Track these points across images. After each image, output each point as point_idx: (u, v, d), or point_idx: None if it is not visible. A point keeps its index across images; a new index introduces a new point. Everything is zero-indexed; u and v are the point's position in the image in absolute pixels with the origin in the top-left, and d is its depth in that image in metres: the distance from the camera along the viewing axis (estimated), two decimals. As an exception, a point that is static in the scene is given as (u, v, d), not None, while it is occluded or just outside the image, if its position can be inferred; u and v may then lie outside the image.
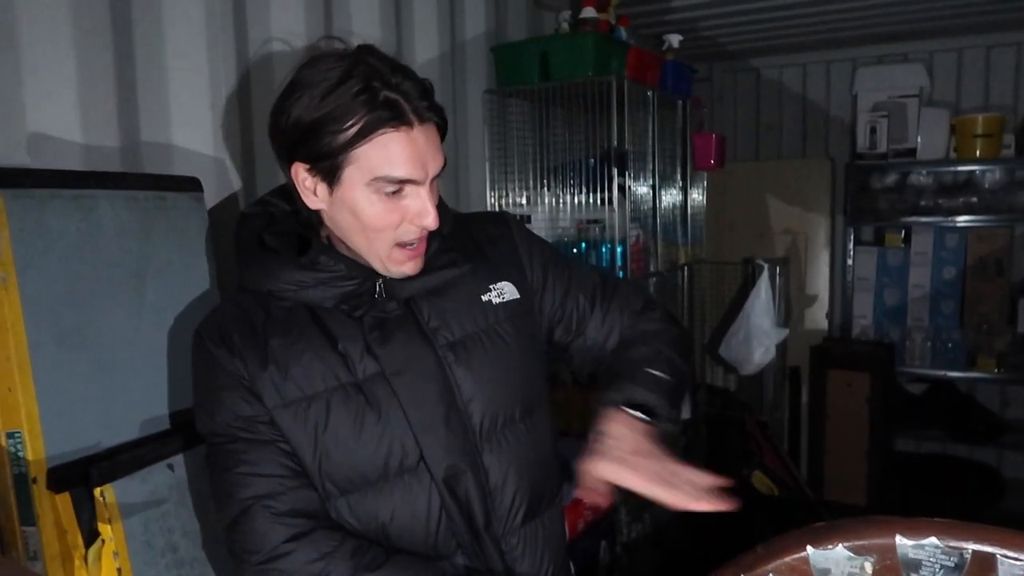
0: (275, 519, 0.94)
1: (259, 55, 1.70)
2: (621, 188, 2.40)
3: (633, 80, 2.39)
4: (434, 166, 0.98)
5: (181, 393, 1.29)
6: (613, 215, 2.39)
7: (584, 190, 2.45)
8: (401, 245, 0.99)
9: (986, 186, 3.64)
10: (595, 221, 2.47)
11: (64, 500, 1.10)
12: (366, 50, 0.97)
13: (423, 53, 2.26)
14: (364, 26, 1.99)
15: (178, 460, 1.22)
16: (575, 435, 2.50)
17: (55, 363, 1.12)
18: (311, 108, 0.93)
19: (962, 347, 3.75)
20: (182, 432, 1.24)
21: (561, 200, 2.51)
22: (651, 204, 2.67)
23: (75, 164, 1.32)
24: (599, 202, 2.43)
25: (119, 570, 1.09)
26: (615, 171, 2.36)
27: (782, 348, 3.61)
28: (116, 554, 1.09)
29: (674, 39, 2.85)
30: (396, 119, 0.93)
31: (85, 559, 1.09)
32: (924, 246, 3.84)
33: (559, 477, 1.18)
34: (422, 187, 0.97)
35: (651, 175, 2.64)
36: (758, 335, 2.95)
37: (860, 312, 3.96)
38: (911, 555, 0.75)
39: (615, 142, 2.33)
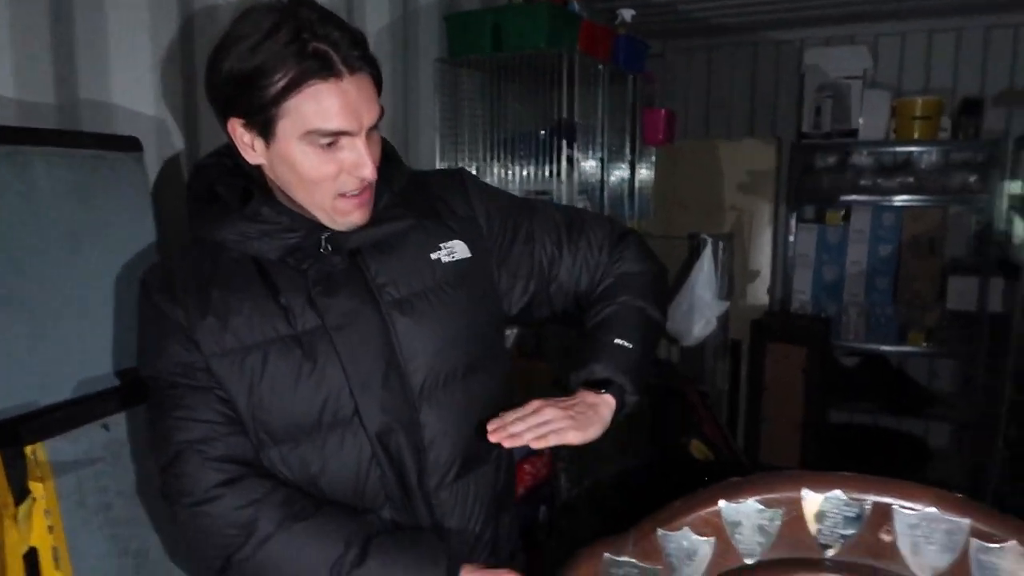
0: (207, 463, 0.96)
1: (203, 11, 1.68)
2: (569, 160, 2.43)
3: (585, 53, 2.41)
4: (368, 117, 0.97)
5: (124, 353, 1.29)
6: (561, 187, 2.42)
7: (533, 161, 2.47)
8: (343, 195, 0.99)
9: (922, 167, 3.77)
10: (543, 192, 2.50)
11: (-5, 458, 1.09)
12: (298, 1, 0.96)
13: (374, 21, 2.24)
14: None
15: (115, 420, 1.22)
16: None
17: (-11, 322, 1.11)
18: (241, 61, 0.93)
19: (894, 322, 3.91)
20: (120, 392, 1.24)
21: (511, 171, 2.52)
22: (599, 177, 2.70)
23: (8, 121, 1.29)
24: (548, 174, 2.45)
25: (50, 528, 1.09)
26: (564, 143, 2.39)
27: (724, 321, 3.70)
28: (48, 512, 1.09)
29: (627, 13, 2.87)
30: (325, 70, 0.92)
31: (15, 518, 1.09)
32: (862, 224, 3.97)
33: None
34: (357, 138, 0.97)
35: (600, 148, 2.67)
36: (700, 307, 3.03)
37: (800, 287, 4.09)
38: (817, 507, 0.80)
39: (565, 115, 2.35)
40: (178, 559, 1.30)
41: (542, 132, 2.50)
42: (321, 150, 0.96)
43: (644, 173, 3.11)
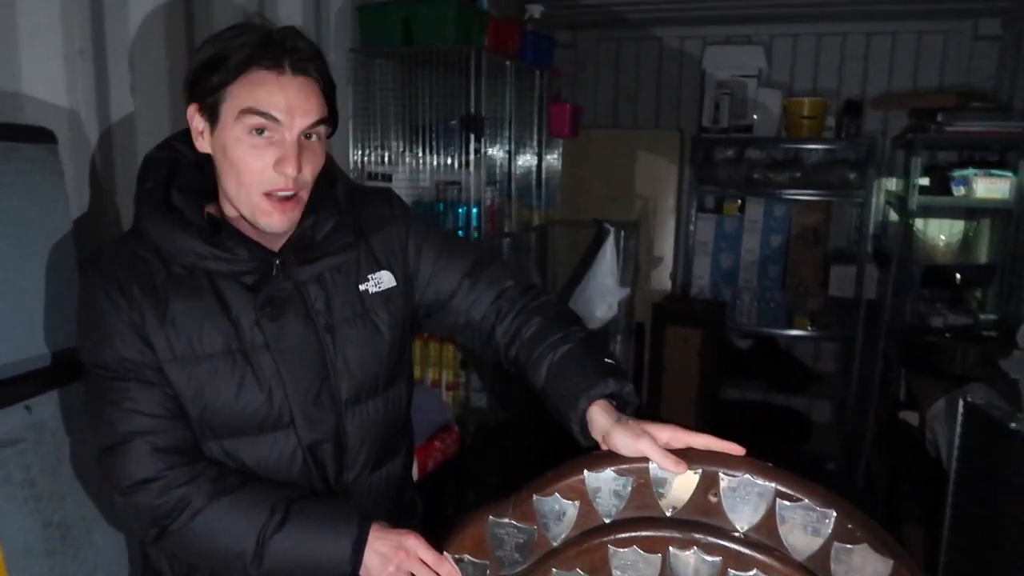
0: (152, 452, 1.05)
1: (115, 4, 1.71)
2: (477, 152, 2.55)
3: (492, 50, 2.52)
4: (303, 118, 1.04)
5: (38, 338, 1.35)
6: (470, 178, 2.54)
7: (443, 152, 2.58)
8: (269, 195, 1.06)
9: (809, 163, 4.05)
10: (453, 182, 2.61)
11: (-85, 440, 1.15)
12: (286, 26, 1.07)
13: (288, 7, 2.28)
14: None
15: (36, 401, 1.29)
16: (429, 383, 2.67)
17: (-96, 309, 1.16)
18: (207, 52, 1.04)
19: (783, 307, 4.20)
20: (40, 375, 1.30)
21: (422, 161, 2.62)
22: (507, 168, 2.83)
23: (-81, 112, 1.32)
24: (457, 164, 2.57)
25: (-25, 503, 1.16)
26: (472, 136, 2.50)
27: (629, 305, 3.91)
28: (-28, 489, 1.16)
29: (536, 10, 2.99)
30: (271, 61, 1.02)
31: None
32: (756, 215, 4.24)
33: (408, 432, 1.34)
34: (287, 132, 1.04)
35: (507, 141, 2.80)
36: (602, 293, 3.21)
37: (699, 273, 4.34)
38: (659, 474, 0.96)
39: (473, 109, 2.47)
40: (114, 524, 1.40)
41: (452, 123, 2.61)
42: (252, 138, 1.03)
43: (551, 163, 3.26)
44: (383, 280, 1.21)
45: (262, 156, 1.04)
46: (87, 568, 1.39)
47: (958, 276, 3.65)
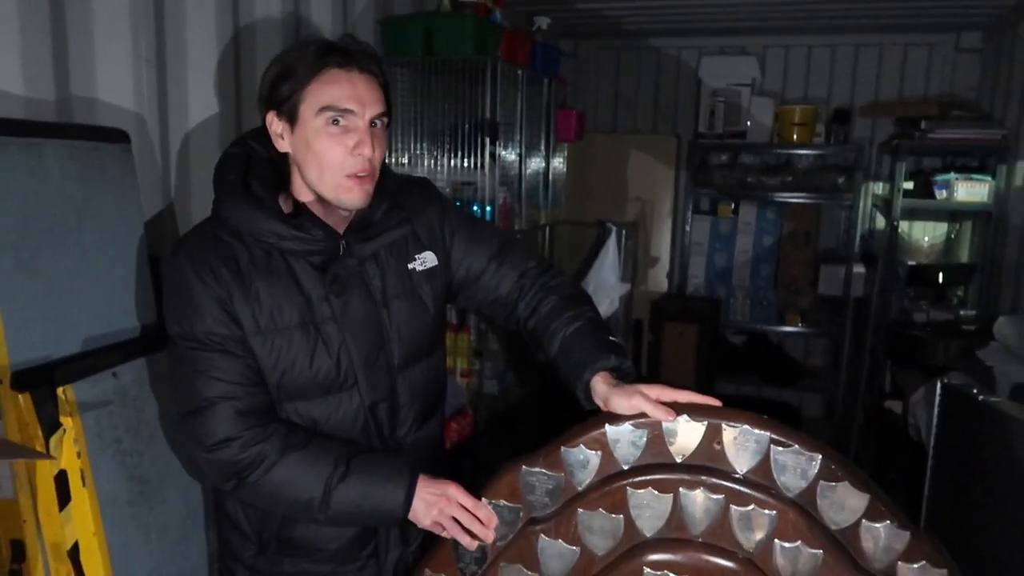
0: (234, 415, 1.19)
1: (176, 16, 1.89)
2: (492, 155, 2.73)
3: (506, 60, 2.71)
4: (371, 108, 1.21)
5: (122, 313, 1.53)
6: (484, 178, 2.72)
7: (459, 155, 2.76)
8: (350, 175, 1.22)
9: (800, 168, 4.25)
10: (468, 183, 2.79)
11: (26, 398, 1.32)
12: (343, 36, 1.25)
13: (317, 22, 2.46)
14: (264, -4, 2.19)
15: (121, 369, 1.47)
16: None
17: (15, 286, 1.34)
18: (279, 65, 1.22)
19: (775, 305, 4.40)
20: (124, 347, 1.48)
21: (439, 163, 2.81)
22: (518, 170, 3.02)
23: (18, 115, 1.50)
24: (472, 166, 2.75)
25: (79, 453, 1.34)
26: (487, 140, 2.69)
27: (628, 302, 4.09)
28: (76, 441, 1.33)
29: (543, 21, 3.18)
30: (339, 61, 1.20)
31: (46, 448, 1.32)
32: (749, 217, 4.44)
33: (443, 397, 1.52)
34: (360, 120, 1.20)
35: (519, 144, 2.98)
36: (604, 289, 3.38)
37: (694, 272, 4.53)
38: (670, 427, 1.14)
39: (488, 114, 2.65)
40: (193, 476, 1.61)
41: (467, 127, 2.79)
42: (332, 129, 1.20)
43: (557, 166, 3.45)
44: (427, 260, 1.37)
45: (342, 142, 1.20)
46: (160, 520, 1.56)
47: (941, 275, 3.86)
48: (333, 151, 1.21)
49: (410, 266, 1.35)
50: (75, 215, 1.48)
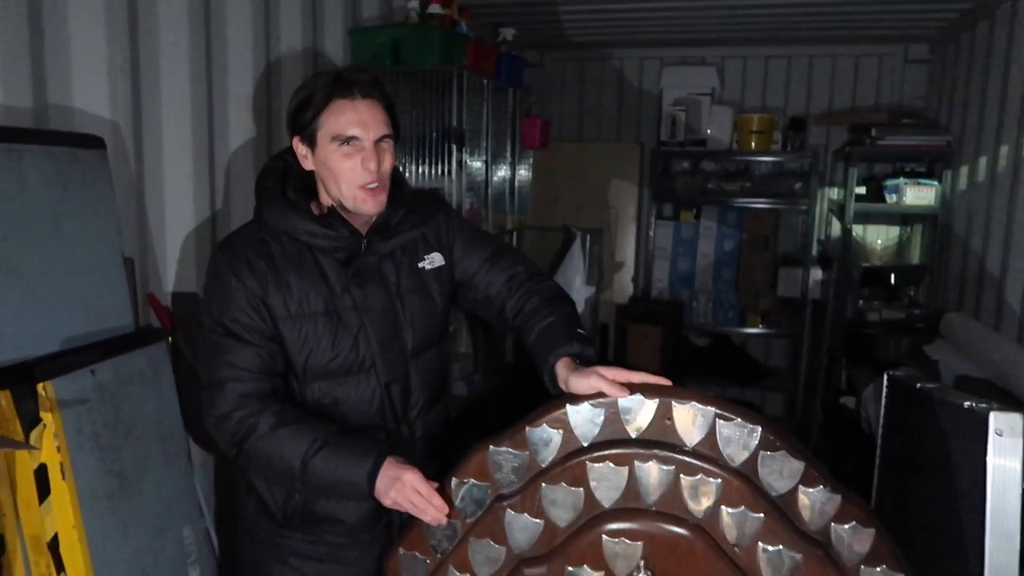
0: (237, 395, 1.36)
1: (149, 27, 1.95)
2: (459, 162, 2.81)
3: (472, 70, 2.80)
4: (375, 130, 1.38)
5: (97, 314, 1.57)
6: (451, 185, 2.80)
7: (427, 161, 2.84)
8: (362, 187, 1.39)
9: (759, 174, 4.40)
10: (436, 189, 2.87)
11: (6, 395, 1.37)
12: (351, 67, 1.42)
13: (287, 32, 2.53)
14: (235, 9, 2.25)
15: (99, 367, 1.52)
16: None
17: (-5, 286, 1.39)
18: (299, 95, 1.41)
19: (736, 307, 4.53)
20: (101, 346, 1.53)
21: (407, 169, 2.88)
22: (484, 177, 3.10)
23: (-2, 122, 1.55)
24: (440, 173, 2.83)
25: (58, 447, 1.38)
26: (454, 147, 2.77)
27: (594, 306, 4.19)
28: (56, 435, 1.38)
29: (508, 32, 3.28)
30: (343, 92, 1.37)
31: (27, 442, 1.37)
32: (711, 222, 4.58)
33: (448, 385, 1.69)
34: (365, 142, 1.37)
35: (485, 152, 3.07)
36: (570, 292, 3.46)
37: (658, 277, 4.65)
38: (625, 405, 1.22)
39: (455, 122, 2.73)
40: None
41: (434, 135, 2.87)
42: (343, 149, 1.37)
43: (523, 173, 3.54)
44: (435, 260, 1.54)
45: (352, 159, 1.38)
46: (138, 513, 1.61)
47: (893, 276, 4.01)
48: (346, 169, 1.38)
49: (420, 265, 1.52)
50: (53, 218, 1.54)
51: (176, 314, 2.02)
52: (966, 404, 1.44)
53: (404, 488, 1.30)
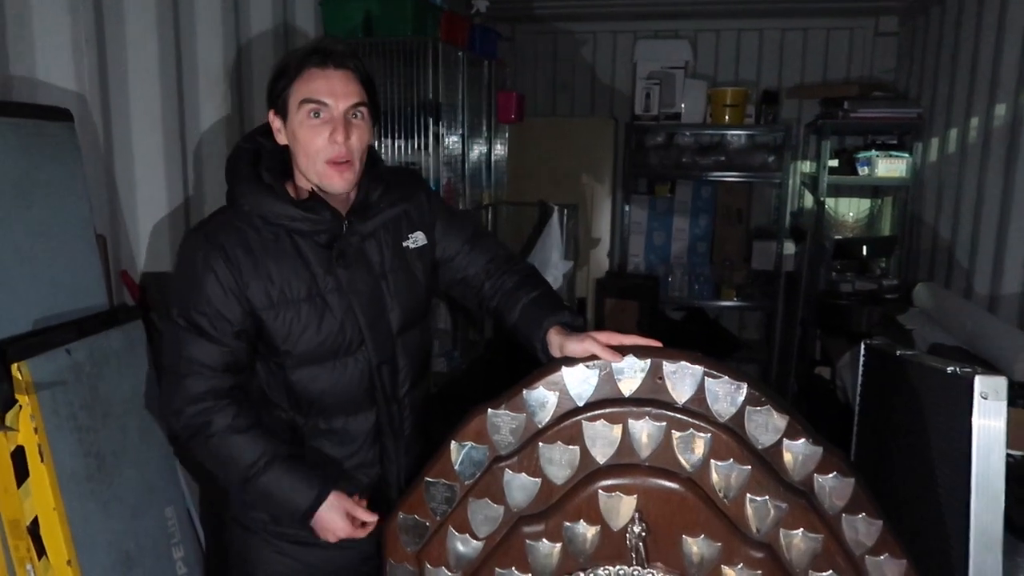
0: (194, 390, 1.32)
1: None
2: (435, 136, 2.78)
3: (446, 41, 2.76)
4: (345, 100, 1.32)
5: (66, 295, 1.53)
6: (428, 160, 2.77)
7: (403, 136, 2.80)
8: (329, 162, 1.33)
9: (732, 148, 4.41)
10: (412, 164, 2.84)
11: (-21, 376, 1.33)
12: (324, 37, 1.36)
13: (258, 8, 2.47)
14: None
15: (75, 347, 1.48)
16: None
17: (-36, 262, 1.34)
18: (276, 68, 1.36)
19: (711, 281, 4.56)
20: (77, 324, 1.49)
21: (382, 144, 2.84)
22: (461, 151, 3.07)
23: (-42, 92, 1.49)
24: (416, 147, 2.79)
25: (35, 429, 1.35)
26: (430, 120, 2.73)
27: (572, 281, 4.19)
28: (33, 416, 1.35)
29: (481, 4, 3.24)
30: (317, 61, 1.32)
31: (2, 424, 1.33)
32: (685, 196, 4.59)
33: (430, 363, 1.66)
34: (335, 111, 1.32)
35: (461, 126, 3.04)
36: (548, 267, 3.47)
37: (634, 251, 4.66)
38: (618, 366, 1.23)
39: (430, 95, 2.70)
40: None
41: (409, 109, 2.83)
42: (311, 120, 1.32)
43: (499, 149, 3.51)
44: (419, 239, 1.51)
45: (320, 133, 1.33)
46: (119, 494, 1.58)
47: (865, 248, 4.06)
48: (314, 140, 1.33)
49: (404, 244, 1.49)
50: (21, 193, 1.49)
51: (149, 293, 1.98)
52: (949, 369, 1.47)
53: (335, 535, 1.37)
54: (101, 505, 1.55)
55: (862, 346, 2.44)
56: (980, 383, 1.30)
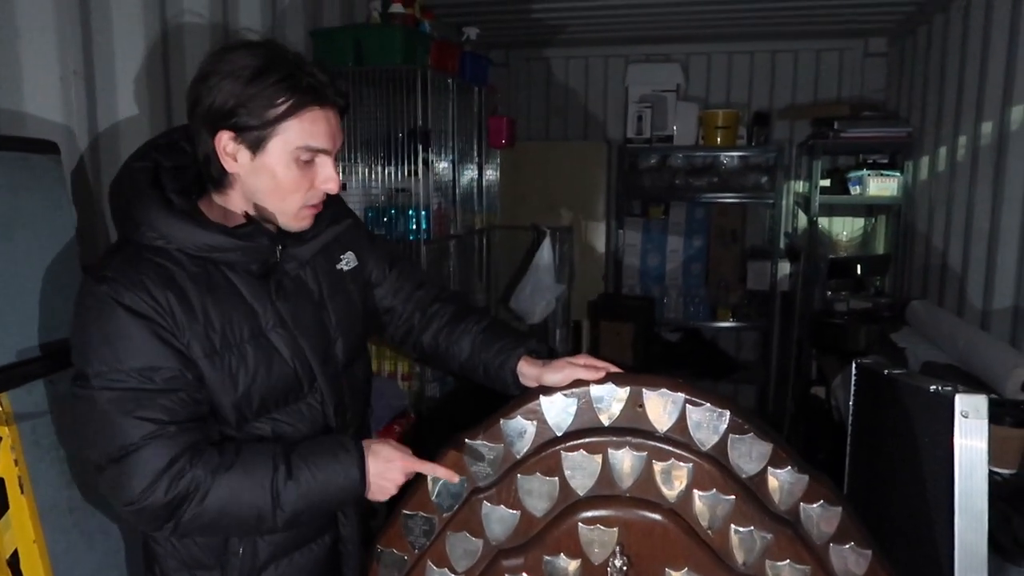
0: (163, 453, 1.09)
1: (103, 28, 1.90)
2: (425, 162, 2.79)
3: (436, 69, 2.78)
4: (338, 143, 1.21)
5: (52, 325, 1.53)
6: (418, 185, 2.78)
7: (393, 162, 2.82)
8: (306, 207, 1.22)
9: (725, 169, 4.43)
10: (402, 190, 2.85)
11: (-39, 408, 1.33)
12: (274, 44, 1.19)
13: (248, 33, 2.49)
14: (193, 2, 2.21)
15: (57, 377, 1.47)
16: (386, 374, 2.88)
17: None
18: (237, 90, 1.12)
19: (706, 301, 4.56)
20: (60, 355, 1.49)
21: (373, 170, 2.86)
22: (451, 176, 3.09)
23: (-57, 126, 1.50)
24: (406, 173, 2.81)
25: (16, 460, 1.34)
26: (420, 147, 2.75)
27: (566, 303, 4.19)
28: (13, 448, 1.34)
29: (472, 32, 3.27)
30: (319, 100, 1.15)
31: (-17, 455, 1.33)
32: (679, 218, 4.60)
33: (370, 395, 1.50)
34: (329, 158, 1.20)
35: (451, 151, 3.06)
36: (541, 290, 3.48)
37: (629, 273, 4.67)
38: (597, 393, 1.22)
39: (420, 122, 2.72)
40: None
41: (399, 135, 2.85)
42: (302, 165, 1.17)
43: (491, 173, 3.53)
44: (350, 259, 1.40)
45: (308, 177, 1.19)
46: (103, 526, 1.57)
47: (859, 267, 4.06)
48: (299, 184, 1.19)
49: (338, 267, 1.38)
50: (5, 225, 1.49)
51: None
52: (931, 388, 1.46)
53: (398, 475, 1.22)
54: (85, 536, 1.53)
55: (853, 365, 2.44)
56: (960, 401, 1.30)
